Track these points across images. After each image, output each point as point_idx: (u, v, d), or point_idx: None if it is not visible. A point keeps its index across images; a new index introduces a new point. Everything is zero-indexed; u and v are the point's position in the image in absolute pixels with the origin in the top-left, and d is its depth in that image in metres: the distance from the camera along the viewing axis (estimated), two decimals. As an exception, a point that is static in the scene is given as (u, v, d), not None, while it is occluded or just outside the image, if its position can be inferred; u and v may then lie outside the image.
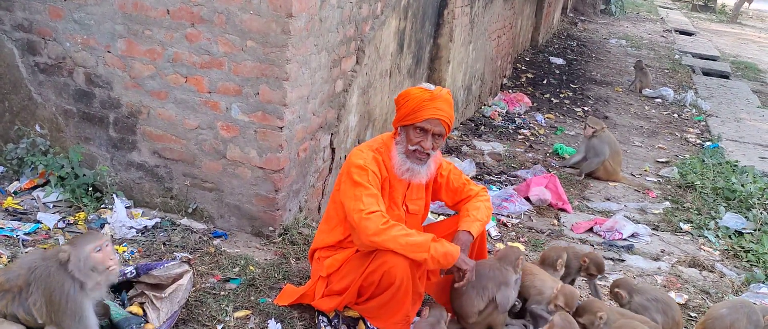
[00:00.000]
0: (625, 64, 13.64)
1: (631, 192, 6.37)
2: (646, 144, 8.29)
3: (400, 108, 3.14)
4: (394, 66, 5.39)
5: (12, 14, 4.00)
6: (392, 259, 2.93)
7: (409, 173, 3.14)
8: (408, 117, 3.10)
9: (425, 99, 3.06)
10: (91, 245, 2.61)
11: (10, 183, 4.16)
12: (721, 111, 10.57)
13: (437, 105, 3.07)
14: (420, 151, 3.11)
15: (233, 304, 3.26)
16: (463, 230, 3.15)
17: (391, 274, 2.96)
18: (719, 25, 25.05)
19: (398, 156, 3.14)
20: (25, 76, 4.11)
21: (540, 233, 5.06)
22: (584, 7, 20.90)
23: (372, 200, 2.95)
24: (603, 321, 3.15)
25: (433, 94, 3.08)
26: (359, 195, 2.96)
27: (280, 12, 3.53)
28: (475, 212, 3.22)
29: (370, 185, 2.99)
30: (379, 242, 2.90)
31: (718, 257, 5.07)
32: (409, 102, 3.08)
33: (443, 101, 3.09)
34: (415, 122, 3.08)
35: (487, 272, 3.23)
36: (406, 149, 3.13)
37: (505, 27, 9.31)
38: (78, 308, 2.57)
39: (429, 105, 3.05)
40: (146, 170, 4.04)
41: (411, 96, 3.10)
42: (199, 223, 3.98)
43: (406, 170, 3.13)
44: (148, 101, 3.90)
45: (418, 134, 3.10)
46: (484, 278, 3.20)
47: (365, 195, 2.95)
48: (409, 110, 3.08)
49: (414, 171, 3.14)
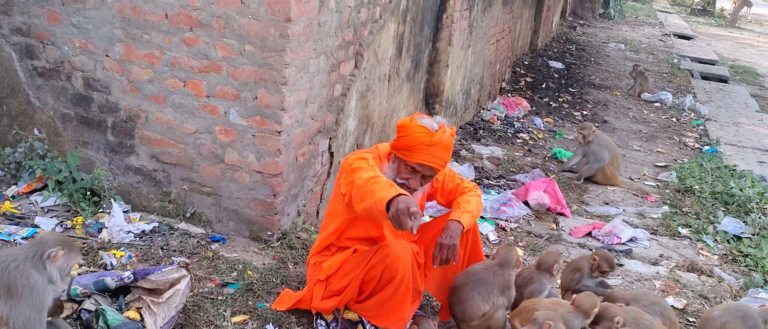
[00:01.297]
0: (623, 68, 13.65)
1: (630, 196, 6.37)
2: (644, 148, 8.29)
3: (398, 137, 3.06)
4: (393, 70, 5.39)
5: (10, 18, 4.00)
6: (394, 253, 2.96)
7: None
8: (402, 151, 3.04)
9: (424, 142, 2.98)
10: (79, 257, 2.66)
11: (7, 187, 4.16)
12: (719, 115, 10.57)
13: (434, 152, 3.00)
14: (406, 186, 3.06)
15: (231, 309, 3.26)
16: (452, 219, 3.17)
17: (393, 268, 2.97)
18: (718, 29, 25.10)
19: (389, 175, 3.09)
20: (23, 80, 4.10)
21: (538, 238, 5.05)
22: (583, 11, 20.93)
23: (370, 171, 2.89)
24: (620, 325, 3.15)
25: (434, 139, 2.98)
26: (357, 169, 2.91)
27: (278, 16, 3.53)
28: (465, 205, 3.24)
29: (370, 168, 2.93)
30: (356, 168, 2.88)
31: (717, 261, 5.06)
32: (407, 138, 3.01)
33: (441, 148, 3.01)
34: (408, 160, 3.03)
35: (490, 277, 3.24)
36: (394, 178, 3.08)
37: (504, 31, 9.31)
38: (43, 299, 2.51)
39: (425, 150, 2.98)
40: (144, 174, 4.04)
41: (410, 132, 3.00)
42: (197, 227, 3.97)
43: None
44: (146, 106, 3.90)
45: (408, 171, 3.06)
46: (489, 284, 3.22)
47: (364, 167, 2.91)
48: (404, 145, 3.02)
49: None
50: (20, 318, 2.46)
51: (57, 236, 2.67)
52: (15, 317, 2.45)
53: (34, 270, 2.48)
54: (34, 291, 2.47)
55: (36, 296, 2.48)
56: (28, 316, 2.47)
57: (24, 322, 2.46)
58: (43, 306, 2.52)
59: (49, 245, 2.53)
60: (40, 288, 2.49)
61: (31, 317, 2.48)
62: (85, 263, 3.45)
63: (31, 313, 2.48)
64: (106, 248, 3.62)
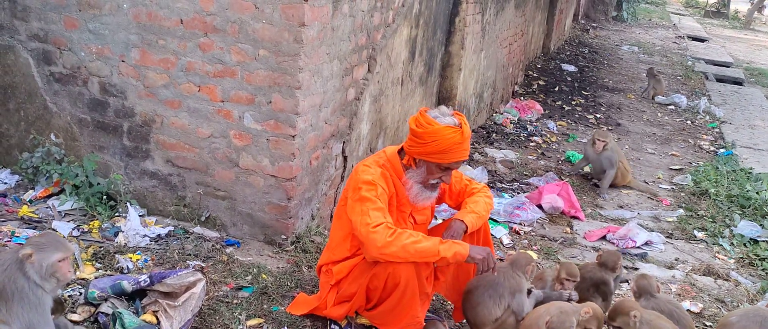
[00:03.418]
0: (637, 71, 13.58)
1: (645, 200, 6.33)
2: (659, 151, 8.24)
3: (425, 143, 3.01)
4: (406, 74, 5.40)
5: (28, 24, 4.05)
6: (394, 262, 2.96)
7: (423, 199, 3.19)
8: (435, 155, 3.03)
9: (456, 142, 3.00)
10: (58, 254, 2.53)
11: (25, 192, 4.20)
12: (734, 118, 10.49)
13: (465, 146, 3.05)
14: (438, 183, 3.17)
15: (246, 313, 3.27)
16: (456, 218, 3.19)
17: (396, 276, 2.97)
18: (732, 31, 24.91)
19: (416, 186, 3.14)
20: (41, 85, 4.15)
21: (553, 242, 5.03)
22: (596, 13, 20.86)
23: (378, 214, 2.94)
24: (638, 320, 3.12)
25: (463, 134, 3.01)
26: (366, 210, 2.95)
27: (292, 21, 3.55)
28: (472, 205, 3.26)
29: (378, 200, 2.98)
30: (389, 253, 2.90)
31: (733, 265, 5.02)
32: (437, 142, 2.99)
33: (468, 141, 3.08)
34: (442, 162, 3.06)
35: (501, 280, 3.23)
36: (426, 180, 3.13)
37: (517, 34, 9.30)
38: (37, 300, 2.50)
39: (459, 148, 3.02)
40: (160, 178, 4.07)
41: (440, 136, 2.98)
42: (212, 231, 3.99)
43: (423, 198, 3.18)
44: (161, 110, 3.93)
45: (441, 171, 3.11)
46: (500, 286, 3.21)
47: (372, 209, 2.95)
48: (437, 149, 3.01)
49: (425, 196, 3.19)
50: (22, 322, 2.47)
51: (34, 238, 2.65)
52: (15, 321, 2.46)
53: (18, 273, 2.48)
54: (23, 294, 2.47)
55: (28, 299, 2.48)
56: (29, 320, 2.48)
57: (27, 326, 2.47)
58: (41, 308, 2.51)
59: (24, 247, 2.52)
60: (27, 291, 2.48)
61: (33, 320, 2.48)
62: (102, 266, 3.48)
63: (31, 316, 2.48)
64: (122, 252, 3.64)
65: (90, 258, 3.55)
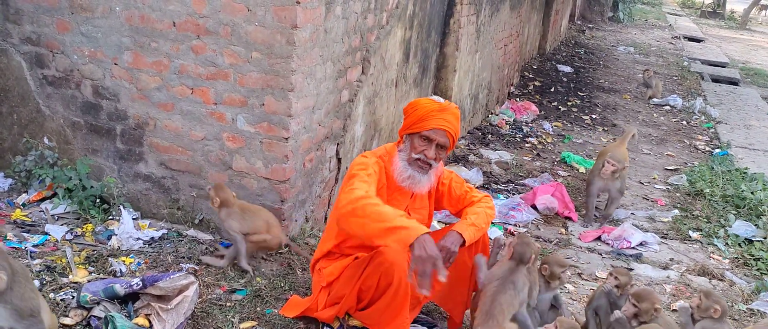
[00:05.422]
0: (633, 71, 13.60)
1: (640, 200, 6.34)
2: (654, 152, 8.25)
3: (407, 117, 3.19)
4: (401, 75, 5.40)
5: (20, 27, 4.04)
6: (389, 260, 2.92)
7: (409, 180, 3.16)
8: (414, 125, 3.14)
9: (434, 110, 3.11)
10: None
11: (18, 195, 4.19)
12: (730, 118, 10.51)
13: (445, 117, 3.12)
14: (422, 160, 3.14)
15: (239, 315, 3.26)
16: (453, 230, 3.09)
17: (389, 274, 2.94)
18: (728, 31, 24.95)
19: (400, 163, 3.18)
20: (33, 88, 4.14)
21: (547, 243, 5.03)
22: (592, 14, 20.87)
23: (362, 185, 2.94)
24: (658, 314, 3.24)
25: (442, 106, 3.14)
26: (352, 182, 2.98)
27: (284, 23, 3.54)
28: (473, 217, 3.19)
29: (365, 177, 3.00)
30: (346, 212, 2.84)
31: (728, 265, 5.03)
32: (417, 111, 3.14)
33: (451, 114, 3.14)
34: (420, 130, 3.12)
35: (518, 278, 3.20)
36: (409, 157, 3.17)
37: (512, 35, 9.31)
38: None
39: (437, 116, 3.10)
40: (153, 181, 4.06)
41: (419, 105, 3.16)
42: (206, 234, 3.98)
43: (408, 177, 3.16)
44: (154, 113, 3.92)
45: (422, 142, 3.14)
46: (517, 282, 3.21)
47: (357, 181, 2.97)
48: (416, 118, 3.13)
49: (415, 179, 3.16)
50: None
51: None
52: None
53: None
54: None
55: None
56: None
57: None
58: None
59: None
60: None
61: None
62: (95, 270, 3.47)
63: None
64: (115, 255, 3.64)
65: (83, 262, 3.54)
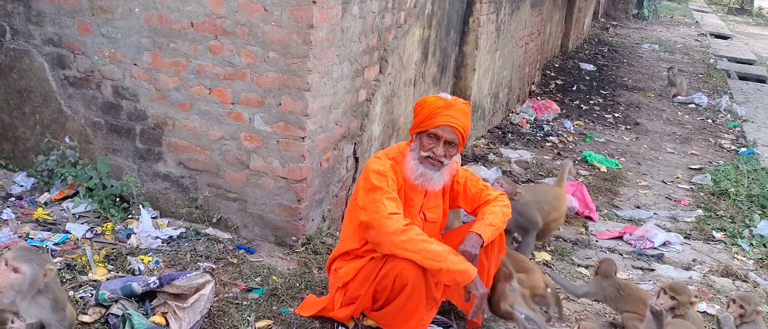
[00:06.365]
0: (657, 69, 13.42)
1: (662, 200, 6.25)
2: (678, 151, 8.13)
3: (416, 115, 3.20)
4: (419, 75, 5.38)
5: (42, 29, 4.10)
6: (403, 262, 2.94)
7: (421, 178, 3.16)
8: (422, 124, 3.14)
9: (440, 107, 3.11)
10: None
11: (40, 194, 4.26)
12: (757, 116, 10.31)
13: (451, 113, 3.11)
14: (432, 157, 3.13)
15: (255, 314, 3.28)
16: (473, 231, 3.13)
17: (404, 276, 2.96)
18: (756, 28, 24.50)
19: (412, 162, 3.18)
20: (55, 89, 4.20)
21: (567, 242, 4.98)
22: (616, 12, 20.64)
23: (392, 204, 2.99)
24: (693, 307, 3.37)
25: (449, 102, 3.14)
26: (379, 198, 2.98)
27: (301, 23, 3.55)
28: (490, 217, 3.20)
29: (390, 190, 3.03)
30: (398, 242, 2.91)
31: (752, 266, 4.93)
32: (424, 109, 3.15)
33: (458, 110, 3.13)
34: (428, 128, 3.12)
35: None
36: (419, 155, 3.16)
37: (533, 34, 9.23)
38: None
39: (443, 112, 3.10)
40: (172, 180, 4.10)
41: (426, 103, 3.17)
42: (224, 233, 4.01)
43: (420, 175, 3.15)
44: (173, 113, 3.96)
45: (430, 140, 3.13)
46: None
47: (386, 198, 2.99)
48: (423, 116, 3.14)
49: (427, 177, 3.16)
50: None
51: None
52: None
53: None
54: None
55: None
56: None
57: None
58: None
59: None
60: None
61: None
62: (114, 268, 3.51)
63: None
64: (134, 253, 3.68)
65: (102, 260, 3.58)
